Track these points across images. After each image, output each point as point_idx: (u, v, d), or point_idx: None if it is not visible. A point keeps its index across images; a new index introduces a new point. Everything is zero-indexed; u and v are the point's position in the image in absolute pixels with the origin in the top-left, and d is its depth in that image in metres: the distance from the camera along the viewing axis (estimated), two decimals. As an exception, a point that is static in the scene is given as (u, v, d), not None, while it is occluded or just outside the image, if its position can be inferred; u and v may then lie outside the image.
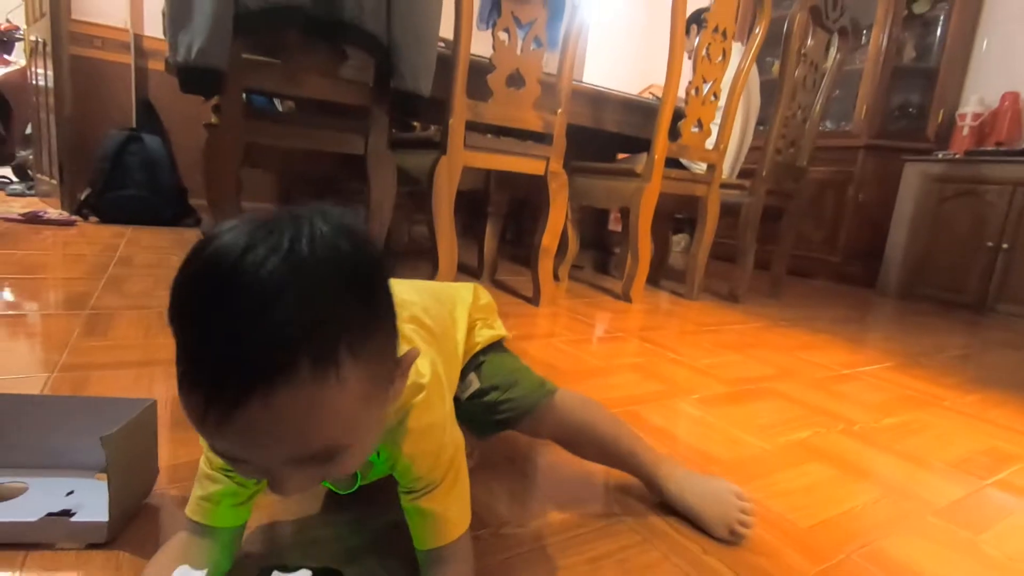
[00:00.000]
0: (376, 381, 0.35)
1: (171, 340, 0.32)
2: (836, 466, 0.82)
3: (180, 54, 1.05)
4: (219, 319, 0.29)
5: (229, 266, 0.29)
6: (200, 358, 0.31)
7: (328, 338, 0.31)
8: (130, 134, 2.51)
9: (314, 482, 0.36)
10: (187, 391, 0.31)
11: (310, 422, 0.31)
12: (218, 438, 0.32)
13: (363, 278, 0.34)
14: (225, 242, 0.30)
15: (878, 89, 2.96)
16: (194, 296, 0.31)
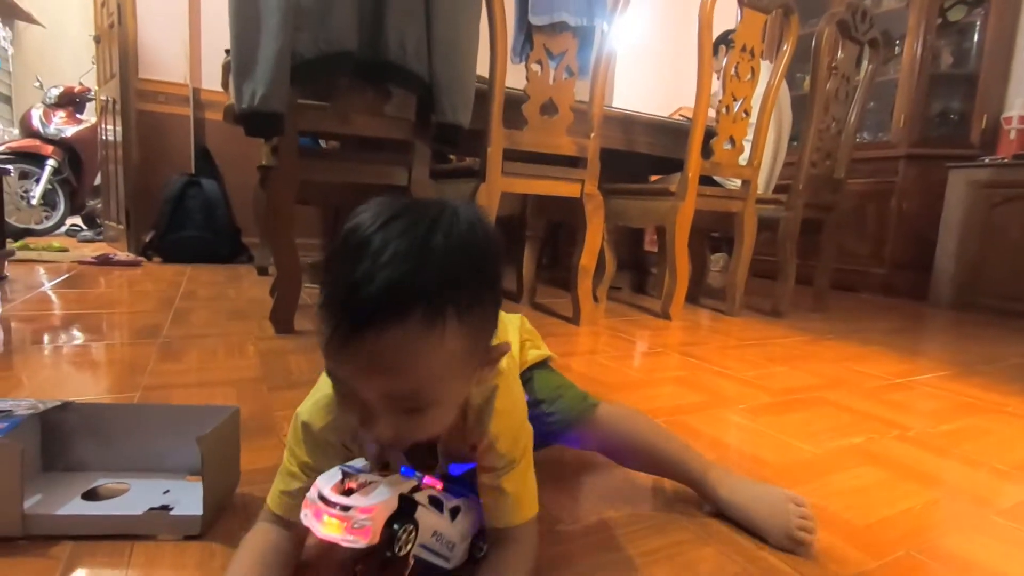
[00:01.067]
0: (471, 352, 0.42)
1: (239, 362, 0.39)
2: (891, 469, 0.81)
3: (245, 101, 1.15)
4: (358, 265, 0.37)
5: (365, 230, 0.38)
6: (336, 292, 0.38)
7: (442, 299, 0.38)
8: (189, 179, 2.70)
9: (402, 432, 0.41)
10: (323, 318, 0.39)
11: (408, 362, 0.38)
12: (337, 361, 0.40)
13: (482, 263, 0.41)
14: (371, 214, 0.39)
15: (916, 98, 2.92)
16: (346, 245, 0.38)
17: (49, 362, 1.09)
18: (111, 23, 2.86)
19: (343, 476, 0.43)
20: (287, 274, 1.37)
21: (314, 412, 0.50)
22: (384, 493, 0.41)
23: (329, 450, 0.49)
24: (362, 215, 0.39)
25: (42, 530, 0.53)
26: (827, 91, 2.11)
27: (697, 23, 1.75)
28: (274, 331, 1.40)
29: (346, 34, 1.22)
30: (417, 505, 0.43)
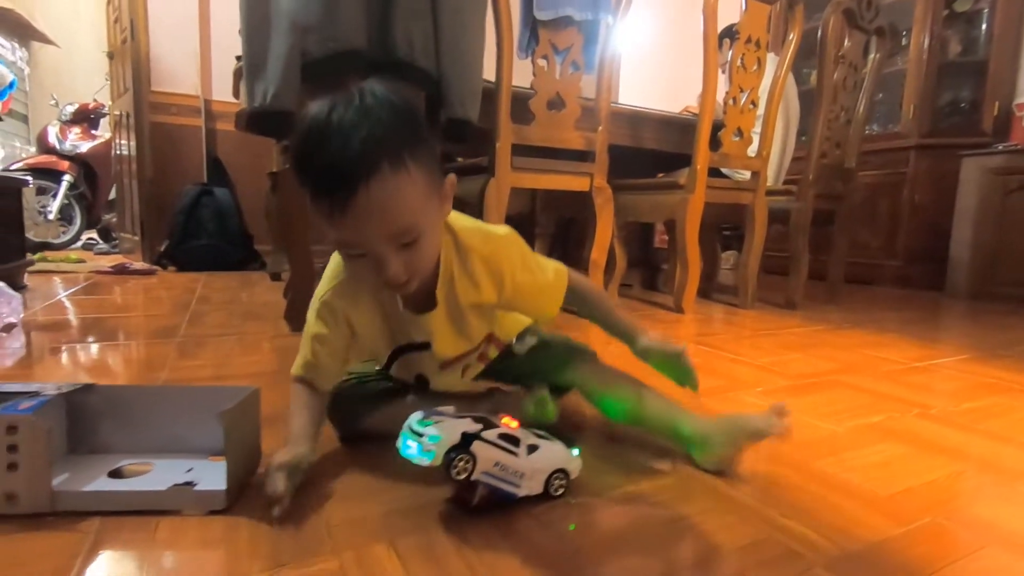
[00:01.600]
0: (432, 184, 0.55)
1: (256, 357, 0.42)
2: (914, 444, 0.80)
3: (256, 99, 1.17)
4: (325, 151, 0.49)
5: (323, 120, 0.50)
6: (321, 178, 0.51)
7: (395, 148, 0.51)
8: (202, 188, 2.74)
9: (408, 266, 0.55)
10: (317, 201, 0.52)
11: (396, 203, 0.51)
12: (340, 228, 0.52)
13: (406, 112, 0.54)
14: (318, 109, 0.51)
15: (924, 87, 2.90)
16: (307, 144, 0.51)
17: (70, 362, 1.11)
18: (124, 39, 2.93)
19: (427, 415, 0.55)
20: (301, 272, 1.38)
21: (323, 291, 0.65)
22: (450, 429, 0.52)
23: (339, 318, 0.65)
24: (312, 111, 0.51)
25: (70, 506, 0.53)
26: (835, 80, 2.10)
27: (701, 17, 1.76)
28: (289, 329, 1.41)
29: (354, 33, 1.23)
30: (475, 440, 0.53)
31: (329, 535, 0.52)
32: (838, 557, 0.51)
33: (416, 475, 0.64)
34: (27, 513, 0.53)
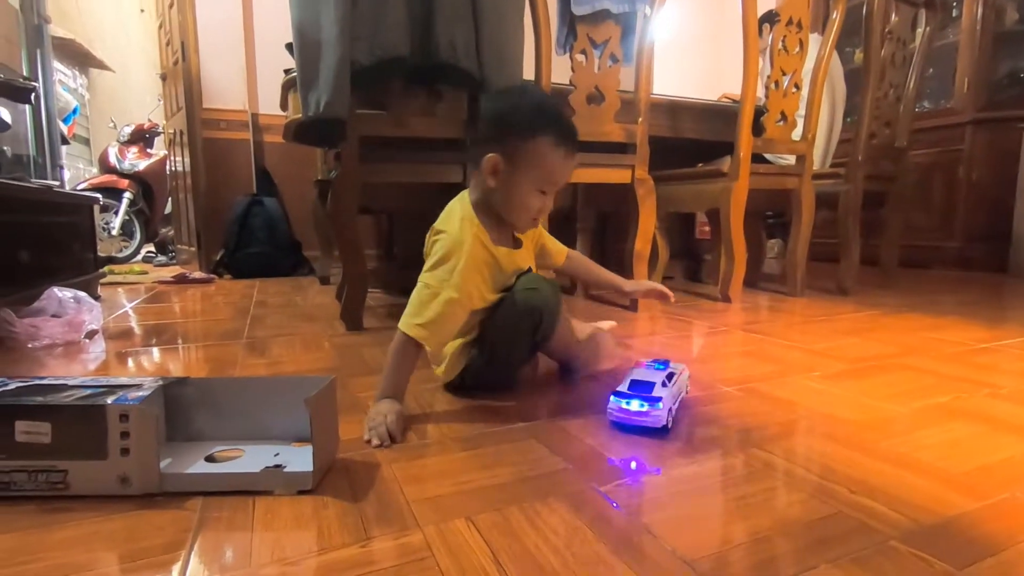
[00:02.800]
0: None
1: (318, 354, 0.83)
2: (985, 424, 0.78)
3: (311, 109, 1.23)
4: (566, 116, 0.87)
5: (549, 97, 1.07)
6: (568, 131, 0.83)
7: None
8: (252, 199, 2.86)
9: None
10: (558, 146, 0.82)
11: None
12: (561, 169, 0.83)
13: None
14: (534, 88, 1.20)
15: (980, 59, 2.77)
16: (554, 108, 0.86)
17: (147, 363, 1.19)
18: (175, 60, 3.08)
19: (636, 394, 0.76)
20: (355, 274, 1.43)
21: (461, 265, 0.80)
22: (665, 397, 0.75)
23: (471, 287, 0.81)
24: (530, 88, 1.03)
25: (176, 487, 0.58)
26: (882, 57, 2.03)
27: (740, 2, 1.73)
28: (344, 328, 1.47)
29: (400, 40, 1.28)
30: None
31: (410, 511, 0.55)
32: (914, 531, 0.51)
33: (477, 460, 0.67)
34: (138, 494, 0.58)
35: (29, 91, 1.72)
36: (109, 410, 0.57)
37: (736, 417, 0.82)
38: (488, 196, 0.84)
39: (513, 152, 0.79)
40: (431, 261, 0.82)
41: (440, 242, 0.82)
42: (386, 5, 1.25)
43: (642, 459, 0.67)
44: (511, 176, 0.80)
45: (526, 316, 0.84)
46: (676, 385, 0.79)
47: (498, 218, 0.87)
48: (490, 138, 0.81)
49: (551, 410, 0.85)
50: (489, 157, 0.80)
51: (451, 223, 0.83)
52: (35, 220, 1.72)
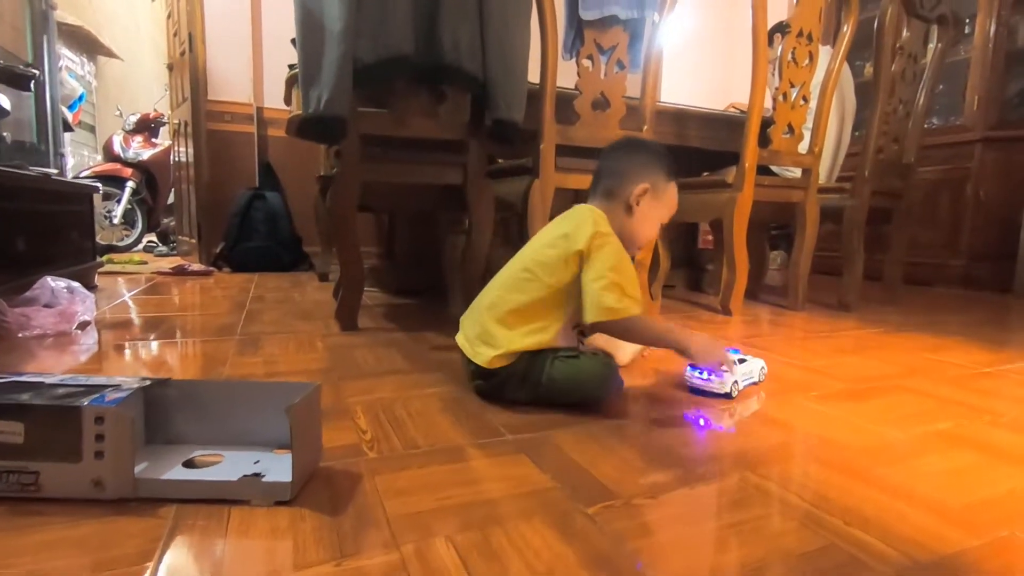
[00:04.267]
0: None
1: (310, 355, 1.01)
2: (987, 453, 0.76)
3: (311, 106, 1.21)
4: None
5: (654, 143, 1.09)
6: (670, 166, 1.01)
7: None
8: (255, 192, 2.85)
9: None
10: (669, 182, 1.00)
11: None
12: (671, 199, 1.01)
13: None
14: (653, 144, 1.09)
15: (991, 77, 2.74)
16: (657, 149, 1.03)
17: (138, 357, 1.17)
18: (182, 51, 3.07)
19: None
20: (351, 274, 1.42)
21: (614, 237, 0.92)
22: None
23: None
24: (635, 142, 1.08)
25: (151, 493, 0.57)
26: (893, 72, 2.01)
27: (751, 11, 1.71)
28: (340, 328, 1.45)
29: (403, 39, 1.26)
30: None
31: (389, 528, 0.53)
32: (908, 568, 0.50)
33: (462, 475, 0.66)
34: (112, 499, 0.56)
35: (29, 78, 1.71)
36: (84, 412, 0.55)
37: (730, 438, 0.80)
38: (614, 217, 0.96)
39: (656, 188, 0.98)
40: (610, 262, 0.88)
41: (617, 250, 0.91)
42: (391, 2, 1.24)
43: (630, 479, 0.65)
44: (651, 205, 0.98)
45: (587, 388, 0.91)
46: (746, 366, 1.02)
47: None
48: (639, 174, 0.98)
49: (543, 423, 0.83)
50: (643, 186, 0.97)
51: (609, 232, 0.92)
52: (32, 208, 1.71)
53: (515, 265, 0.96)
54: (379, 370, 1.09)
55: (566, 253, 0.89)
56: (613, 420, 0.85)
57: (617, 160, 1.01)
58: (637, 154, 1.01)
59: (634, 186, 0.97)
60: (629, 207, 0.97)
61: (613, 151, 1.04)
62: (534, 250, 0.95)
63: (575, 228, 0.91)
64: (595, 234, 0.89)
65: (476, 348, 0.92)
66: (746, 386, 1.01)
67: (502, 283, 0.95)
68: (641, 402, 0.96)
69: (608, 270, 0.87)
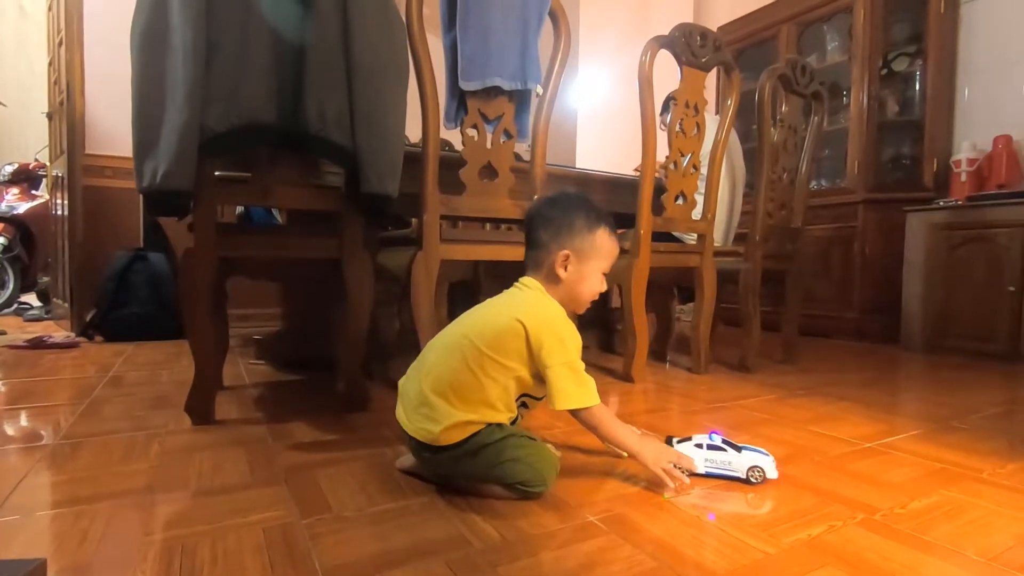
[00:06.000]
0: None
1: (135, 466, 0.92)
2: (854, 568, 0.71)
3: (145, 180, 1.08)
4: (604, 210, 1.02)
5: (585, 197, 1.03)
6: (611, 223, 1.01)
7: None
8: (135, 254, 2.61)
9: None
10: (614, 237, 1.01)
11: None
12: (611, 249, 1.00)
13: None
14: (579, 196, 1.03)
15: (866, 145, 2.97)
16: (598, 210, 1.01)
17: (-91, 479, 0.95)
18: (61, 100, 2.84)
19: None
20: (203, 361, 1.26)
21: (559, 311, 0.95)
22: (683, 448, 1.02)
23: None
24: (573, 197, 1.01)
25: None
26: (775, 143, 2.11)
27: (638, 86, 1.75)
28: (191, 423, 1.28)
29: (261, 105, 1.17)
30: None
31: None
32: None
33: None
34: None
35: None
36: None
37: (588, 570, 0.70)
38: (550, 288, 0.97)
39: (580, 244, 0.95)
40: (565, 343, 0.90)
41: (566, 328, 0.92)
42: (247, 67, 1.15)
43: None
44: (581, 266, 0.96)
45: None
46: (721, 455, 0.99)
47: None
48: (555, 241, 0.96)
49: (394, 558, 0.71)
50: (563, 253, 0.95)
51: (553, 308, 0.95)
52: None
53: (456, 333, 0.94)
54: (210, 486, 0.93)
55: (512, 330, 0.89)
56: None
57: (533, 229, 0.99)
58: (548, 219, 0.98)
59: (554, 255, 0.95)
60: (557, 277, 0.96)
61: (529, 219, 1.01)
62: (479, 320, 0.95)
63: (519, 307, 0.92)
64: (539, 312, 0.92)
65: (417, 424, 0.91)
66: (719, 477, 0.99)
67: (444, 351, 0.93)
68: (504, 516, 0.85)
69: (563, 353, 0.89)
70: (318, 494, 0.91)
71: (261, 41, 1.16)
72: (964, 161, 2.78)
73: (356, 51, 1.23)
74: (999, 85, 2.82)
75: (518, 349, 0.90)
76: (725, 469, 0.99)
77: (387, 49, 1.29)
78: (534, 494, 0.89)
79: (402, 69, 1.32)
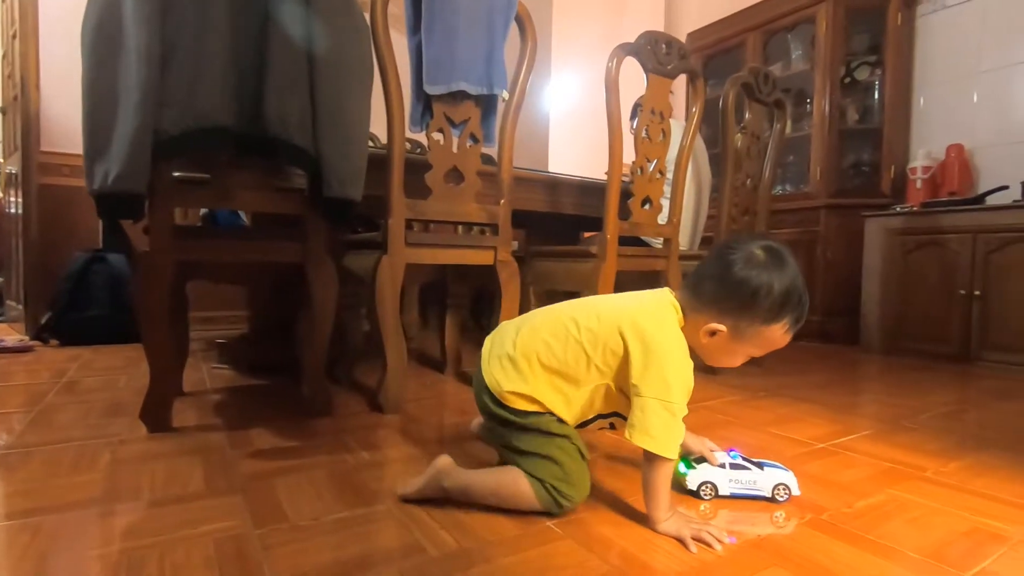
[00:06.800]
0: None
1: (84, 477, 0.89)
2: (798, 569, 0.73)
3: (97, 182, 1.05)
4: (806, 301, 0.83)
5: (797, 275, 0.83)
6: (800, 319, 0.82)
7: None
8: (94, 255, 2.53)
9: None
10: (791, 332, 0.82)
11: None
12: (789, 333, 0.82)
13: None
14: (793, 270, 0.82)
15: (828, 152, 3.06)
16: (797, 299, 0.81)
17: None
18: (15, 95, 2.74)
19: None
20: (159, 367, 1.23)
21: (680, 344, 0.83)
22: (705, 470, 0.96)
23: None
24: (786, 269, 0.81)
25: None
26: (738, 150, 2.16)
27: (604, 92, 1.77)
28: (147, 431, 1.25)
29: (219, 108, 1.15)
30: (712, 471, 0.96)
31: None
32: None
33: None
34: None
35: None
36: None
37: (541, 574, 0.71)
38: (690, 325, 0.85)
39: (745, 328, 0.81)
40: (667, 381, 0.80)
41: (678, 366, 0.81)
42: (204, 69, 1.12)
43: None
44: (731, 343, 0.83)
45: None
46: (743, 474, 0.95)
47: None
48: (716, 306, 0.81)
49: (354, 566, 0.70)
50: (715, 328, 0.82)
51: (674, 338, 0.83)
52: None
53: (565, 315, 0.89)
54: (162, 496, 0.91)
55: (617, 338, 0.83)
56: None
57: (709, 273, 0.83)
58: (730, 281, 0.80)
59: (706, 321, 0.83)
60: (696, 336, 0.84)
61: (714, 255, 0.85)
62: (595, 309, 0.88)
63: (632, 318, 0.84)
64: (655, 334, 0.82)
65: (494, 370, 0.89)
66: (745, 497, 0.95)
67: (551, 326, 0.88)
68: (462, 523, 0.85)
69: (666, 389, 0.79)
70: (274, 503, 0.89)
71: (220, 41, 1.14)
72: (919, 169, 2.88)
73: (319, 52, 1.22)
74: (952, 96, 2.94)
75: (618, 358, 0.84)
76: (751, 489, 0.94)
77: (351, 50, 1.28)
78: (559, 504, 0.83)
79: (366, 71, 1.31)
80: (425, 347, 2.41)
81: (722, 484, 0.94)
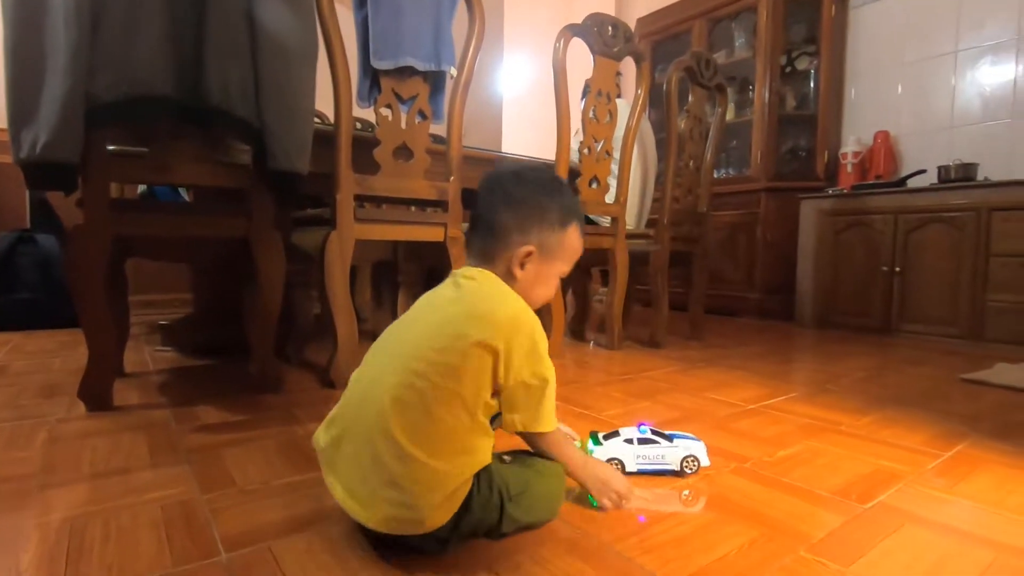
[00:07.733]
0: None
1: (18, 454, 0.89)
2: (720, 509, 0.80)
3: (24, 150, 1.01)
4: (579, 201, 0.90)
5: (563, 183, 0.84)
6: (583, 219, 0.84)
7: None
8: (21, 235, 2.39)
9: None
10: (581, 234, 0.82)
11: None
12: (579, 245, 0.82)
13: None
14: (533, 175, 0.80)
15: (768, 137, 3.20)
16: (555, 182, 0.81)
17: None
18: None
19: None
20: (97, 341, 1.20)
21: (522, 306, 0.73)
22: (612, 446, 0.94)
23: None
24: (551, 182, 0.81)
25: None
26: (682, 132, 2.24)
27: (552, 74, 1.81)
28: (85, 409, 1.21)
29: (157, 75, 1.11)
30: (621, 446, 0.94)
31: None
32: None
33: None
34: None
35: None
36: None
37: (485, 521, 0.75)
38: (507, 279, 0.77)
39: (547, 238, 0.78)
40: (536, 350, 0.71)
41: (535, 328, 0.72)
42: (140, 32, 1.09)
43: None
44: (543, 265, 0.79)
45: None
46: (651, 449, 0.93)
47: None
48: (519, 230, 0.77)
49: (261, 532, 0.72)
50: (527, 250, 0.76)
51: (514, 302, 0.73)
52: None
53: (398, 364, 0.68)
54: (105, 469, 0.90)
55: (475, 349, 0.66)
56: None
57: (490, 207, 0.77)
58: (515, 200, 0.76)
59: (513, 250, 0.75)
60: (511, 273, 0.76)
61: (486, 192, 0.79)
62: (425, 340, 0.68)
63: (476, 321, 0.68)
64: (501, 316, 0.69)
65: (384, 512, 0.64)
66: (653, 473, 0.92)
67: (391, 397, 0.65)
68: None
69: (539, 360, 0.70)
70: (223, 471, 0.90)
71: (155, 3, 1.10)
72: (850, 154, 3.06)
73: (262, 20, 1.19)
74: (880, 85, 3.12)
75: (488, 368, 0.67)
76: (658, 464, 0.92)
77: (295, 19, 1.25)
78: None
79: (310, 42, 1.29)
80: (379, 327, 2.41)
81: (629, 460, 0.92)
